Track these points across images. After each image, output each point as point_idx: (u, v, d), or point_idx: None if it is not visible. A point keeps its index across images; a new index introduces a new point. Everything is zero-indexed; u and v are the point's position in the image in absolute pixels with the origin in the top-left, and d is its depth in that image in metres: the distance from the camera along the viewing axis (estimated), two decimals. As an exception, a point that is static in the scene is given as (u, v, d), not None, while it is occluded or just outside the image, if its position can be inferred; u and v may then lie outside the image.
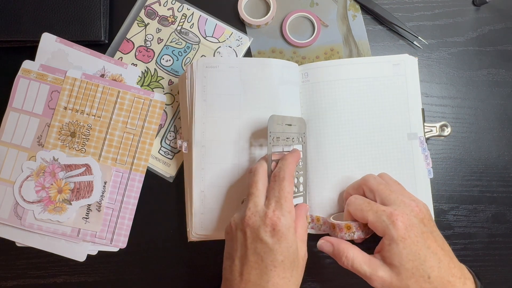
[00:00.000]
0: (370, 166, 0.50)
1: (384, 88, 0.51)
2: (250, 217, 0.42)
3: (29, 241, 0.52)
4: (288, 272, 0.41)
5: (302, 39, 0.56)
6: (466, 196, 0.54)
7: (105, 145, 0.53)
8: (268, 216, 0.41)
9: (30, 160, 0.52)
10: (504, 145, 0.55)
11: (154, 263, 0.54)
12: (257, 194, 0.43)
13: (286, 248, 0.41)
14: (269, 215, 0.41)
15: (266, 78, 0.51)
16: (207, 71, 0.51)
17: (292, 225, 0.42)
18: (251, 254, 0.41)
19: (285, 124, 0.47)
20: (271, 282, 0.41)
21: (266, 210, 0.42)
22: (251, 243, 0.41)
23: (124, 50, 0.56)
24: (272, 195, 0.43)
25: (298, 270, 0.43)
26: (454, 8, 0.57)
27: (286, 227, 0.41)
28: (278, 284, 0.41)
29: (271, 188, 0.43)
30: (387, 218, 0.42)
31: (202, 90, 0.50)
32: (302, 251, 0.43)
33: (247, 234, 0.42)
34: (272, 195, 0.43)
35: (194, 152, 0.50)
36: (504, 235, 0.54)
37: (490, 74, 0.56)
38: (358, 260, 0.43)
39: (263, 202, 0.43)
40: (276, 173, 0.44)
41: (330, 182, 0.51)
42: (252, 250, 0.41)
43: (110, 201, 0.53)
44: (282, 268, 0.41)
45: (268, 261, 0.41)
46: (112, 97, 0.54)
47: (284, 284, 0.41)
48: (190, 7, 0.57)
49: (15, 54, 0.55)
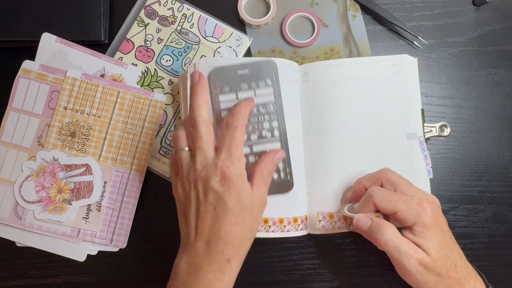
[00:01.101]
0: (370, 166, 0.50)
1: (384, 88, 0.51)
2: (202, 170, 0.43)
3: (29, 241, 0.52)
4: (240, 218, 0.42)
5: (302, 39, 0.56)
6: (466, 196, 0.54)
7: (105, 145, 0.53)
8: (218, 165, 0.42)
9: (30, 160, 0.52)
10: (504, 145, 0.55)
11: (154, 263, 0.54)
12: (204, 146, 0.44)
13: (235, 194, 0.42)
14: (219, 164, 0.42)
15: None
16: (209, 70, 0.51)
17: (242, 172, 0.43)
18: (204, 205, 0.42)
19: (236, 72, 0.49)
20: (223, 229, 0.42)
21: (216, 160, 0.43)
22: (204, 195, 0.42)
23: (124, 50, 0.56)
24: (223, 143, 0.44)
25: (251, 216, 0.43)
26: (454, 8, 0.57)
27: (235, 175, 0.42)
28: (230, 230, 0.42)
29: (223, 137, 0.44)
30: (417, 206, 0.43)
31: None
32: (257, 197, 0.44)
33: (198, 187, 0.43)
34: (223, 143, 0.44)
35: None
36: (504, 235, 0.54)
37: (490, 74, 0.56)
38: (397, 238, 0.42)
39: (212, 153, 0.44)
40: (229, 121, 0.45)
41: (330, 181, 0.51)
42: (204, 201, 0.42)
43: (110, 201, 0.53)
44: (233, 215, 0.42)
45: (219, 209, 0.42)
46: (112, 97, 0.54)
47: (236, 230, 0.42)
48: (190, 7, 0.57)
49: (15, 54, 0.55)
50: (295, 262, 0.53)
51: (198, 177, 0.43)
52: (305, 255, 0.53)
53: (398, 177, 0.46)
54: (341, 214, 0.49)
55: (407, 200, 0.43)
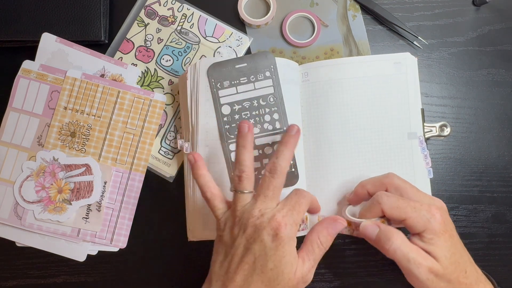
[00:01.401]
0: (370, 166, 0.50)
1: (384, 87, 0.51)
2: (259, 218, 0.40)
3: (29, 241, 0.52)
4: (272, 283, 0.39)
5: (302, 39, 0.56)
6: (466, 196, 0.54)
7: (105, 145, 0.53)
8: (277, 219, 0.40)
9: (30, 160, 0.52)
10: (504, 145, 0.55)
11: (154, 263, 0.54)
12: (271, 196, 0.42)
13: (279, 257, 0.39)
14: (278, 218, 0.40)
15: (266, 78, 0.51)
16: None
17: (294, 238, 0.41)
18: (248, 254, 0.40)
19: (234, 67, 0.49)
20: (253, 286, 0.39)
21: (276, 213, 0.40)
22: (250, 243, 0.40)
23: (124, 50, 0.56)
24: (289, 201, 0.42)
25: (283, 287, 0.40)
26: (454, 8, 0.57)
27: (288, 237, 0.40)
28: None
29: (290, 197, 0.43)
30: (426, 212, 0.42)
31: (206, 90, 0.50)
32: (300, 271, 0.41)
33: (248, 233, 0.40)
34: (289, 201, 0.42)
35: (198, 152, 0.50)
36: (504, 235, 0.54)
37: (490, 74, 0.56)
38: (405, 246, 0.41)
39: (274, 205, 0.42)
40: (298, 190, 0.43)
41: (330, 182, 0.51)
42: (250, 250, 0.40)
43: (110, 201, 0.53)
44: (267, 277, 0.39)
45: (259, 264, 0.40)
46: (112, 97, 0.54)
47: None
48: (190, 7, 0.57)
49: (15, 54, 0.55)
50: (295, 262, 0.53)
51: (252, 224, 0.40)
52: (305, 255, 0.53)
53: (403, 183, 0.45)
54: (345, 217, 0.49)
55: (416, 206, 0.42)
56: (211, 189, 0.44)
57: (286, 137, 0.44)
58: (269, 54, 0.50)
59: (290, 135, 0.44)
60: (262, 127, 0.50)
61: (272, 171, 0.42)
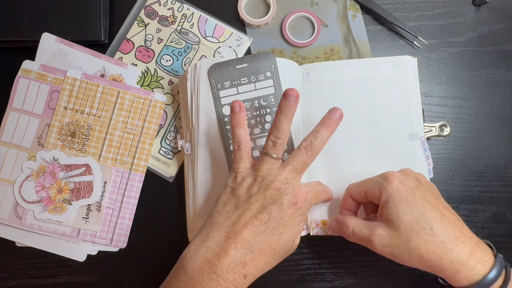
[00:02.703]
0: (372, 167, 0.50)
1: (385, 89, 0.51)
2: (283, 184, 0.42)
3: (29, 241, 0.52)
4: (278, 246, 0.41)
5: (302, 39, 0.56)
6: (466, 196, 0.54)
7: (105, 145, 0.53)
8: (302, 190, 0.43)
9: (30, 160, 0.52)
10: (504, 145, 0.55)
11: (154, 263, 0.54)
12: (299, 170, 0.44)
13: (291, 224, 0.42)
14: (303, 190, 0.43)
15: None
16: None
17: (306, 215, 0.44)
18: (263, 212, 0.41)
19: (235, 67, 0.50)
20: (260, 244, 0.40)
21: (300, 185, 0.43)
22: (270, 204, 0.41)
23: (124, 50, 0.56)
24: (312, 186, 0.45)
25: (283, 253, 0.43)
26: (454, 8, 0.57)
27: (303, 210, 0.43)
28: (265, 250, 0.40)
29: (314, 184, 0.46)
30: (381, 178, 0.43)
31: (206, 91, 0.50)
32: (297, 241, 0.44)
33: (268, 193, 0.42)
34: (312, 186, 0.45)
35: (198, 153, 0.50)
36: (504, 235, 0.54)
37: (490, 74, 0.56)
38: (358, 226, 0.42)
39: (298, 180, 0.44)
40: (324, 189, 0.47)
41: (331, 182, 0.51)
42: (267, 209, 0.41)
43: (110, 201, 0.53)
44: (275, 239, 0.41)
45: (271, 225, 0.41)
46: (112, 97, 0.54)
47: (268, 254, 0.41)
48: (190, 7, 0.57)
49: (15, 54, 0.55)
50: (295, 262, 0.53)
51: (276, 187, 0.42)
52: (305, 255, 0.53)
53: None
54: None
55: (372, 178, 0.44)
56: (246, 142, 0.45)
57: (328, 120, 0.45)
58: (270, 54, 0.50)
59: (332, 118, 0.45)
60: (263, 127, 0.50)
61: (308, 148, 0.44)
